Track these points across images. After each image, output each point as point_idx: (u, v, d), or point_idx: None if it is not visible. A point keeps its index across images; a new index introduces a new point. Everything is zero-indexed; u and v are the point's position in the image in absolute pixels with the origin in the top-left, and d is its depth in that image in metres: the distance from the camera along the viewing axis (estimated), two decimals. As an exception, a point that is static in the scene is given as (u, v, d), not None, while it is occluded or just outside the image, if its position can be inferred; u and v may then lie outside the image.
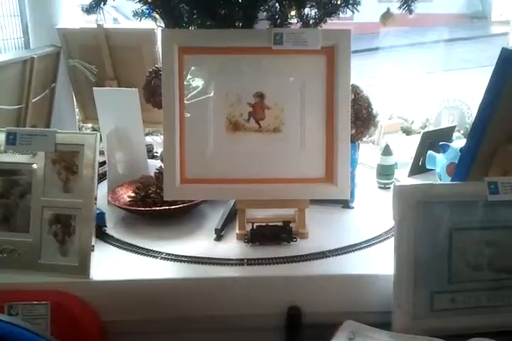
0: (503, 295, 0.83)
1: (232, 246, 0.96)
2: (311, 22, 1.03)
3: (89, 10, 1.01)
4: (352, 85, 1.05)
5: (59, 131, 0.89)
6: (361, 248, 0.96)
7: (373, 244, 0.98)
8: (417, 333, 0.79)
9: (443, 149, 1.16)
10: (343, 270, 0.89)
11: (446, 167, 1.16)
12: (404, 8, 1.00)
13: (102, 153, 1.14)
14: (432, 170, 1.24)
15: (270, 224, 0.97)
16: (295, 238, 0.96)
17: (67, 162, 0.88)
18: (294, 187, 0.95)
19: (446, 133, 1.31)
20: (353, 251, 0.95)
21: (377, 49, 4.26)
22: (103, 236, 1.00)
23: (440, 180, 1.19)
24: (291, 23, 1.01)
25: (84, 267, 0.85)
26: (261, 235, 0.96)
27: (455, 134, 1.31)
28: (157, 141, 1.55)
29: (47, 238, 0.87)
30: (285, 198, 0.95)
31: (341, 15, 1.04)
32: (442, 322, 0.82)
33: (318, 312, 0.87)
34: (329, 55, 0.94)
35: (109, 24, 1.52)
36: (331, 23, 1.04)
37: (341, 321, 0.81)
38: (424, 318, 0.81)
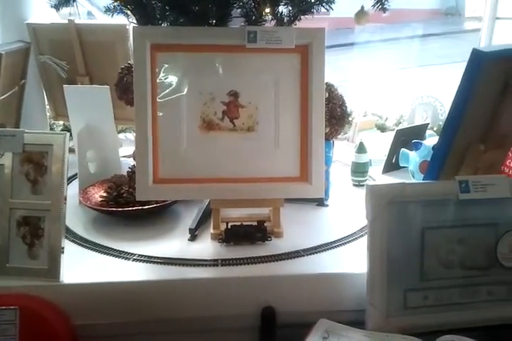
0: (474, 291, 0.84)
1: (206, 246, 0.96)
2: (285, 20, 1.02)
3: (58, 6, 0.99)
4: (326, 83, 1.05)
5: (27, 130, 0.87)
6: (335, 246, 0.96)
7: (347, 242, 0.98)
8: (391, 331, 0.80)
9: (416, 147, 1.17)
10: (318, 269, 0.89)
11: (419, 164, 1.17)
12: (377, 7, 1.00)
13: (73, 151, 1.12)
14: (406, 167, 1.25)
15: (245, 223, 0.97)
16: (270, 237, 0.96)
17: (35, 162, 0.86)
18: (268, 187, 0.94)
19: (419, 131, 1.33)
20: (328, 249, 0.95)
21: (352, 44, 4.28)
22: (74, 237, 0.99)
23: (413, 177, 1.20)
24: (265, 21, 1.00)
25: (54, 270, 0.84)
26: (235, 235, 0.95)
27: (428, 132, 1.33)
28: (130, 138, 1.53)
29: (15, 240, 0.85)
30: (260, 197, 0.95)
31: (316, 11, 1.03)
32: (415, 319, 0.82)
33: (293, 312, 0.87)
34: (303, 54, 0.94)
35: (82, 19, 1.49)
36: (308, 18, 1.03)
37: (315, 320, 0.81)
38: (398, 316, 0.82)
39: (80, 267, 0.88)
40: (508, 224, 0.84)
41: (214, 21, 0.99)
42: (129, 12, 1.04)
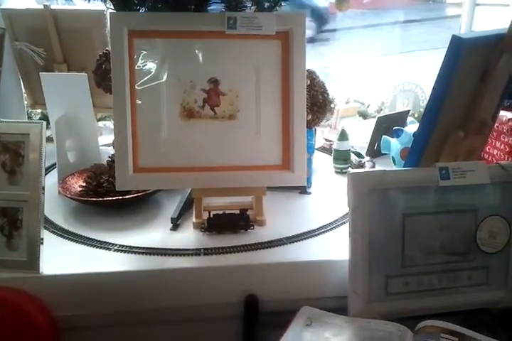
0: (455, 277, 0.85)
1: (188, 236, 0.95)
2: (265, 5, 1.01)
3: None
4: (308, 70, 1.05)
5: (2, 120, 0.85)
6: (318, 234, 0.97)
7: (330, 229, 0.98)
8: (373, 317, 0.80)
9: (397, 134, 1.18)
10: (300, 257, 0.89)
11: (400, 151, 1.17)
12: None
13: (51, 140, 1.10)
14: (387, 154, 1.26)
15: (227, 212, 0.97)
16: (252, 225, 0.96)
17: (12, 152, 0.84)
18: (250, 175, 0.94)
19: (400, 118, 1.33)
20: (310, 237, 0.95)
21: (334, 30, 4.27)
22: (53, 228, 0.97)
23: (394, 164, 1.20)
24: (245, 7, 0.99)
25: (33, 261, 0.82)
26: (218, 223, 0.95)
27: (409, 118, 1.33)
28: (110, 126, 1.51)
29: (-7, 232, 0.83)
30: (241, 186, 0.94)
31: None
32: (397, 305, 0.83)
33: (276, 300, 0.87)
34: (284, 40, 0.92)
35: (60, 4, 1.46)
36: (289, 4, 1.02)
37: (298, 307, 0.81)
38: (379, 302, 0.83)
39: (60, 258, 0.87)
40: (487, 210, 0.85)
41: (193, 7, 0.97)
42: (105, -3, 1.01)
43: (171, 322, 0.88)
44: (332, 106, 1.36)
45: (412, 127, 1.19)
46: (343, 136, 1.23)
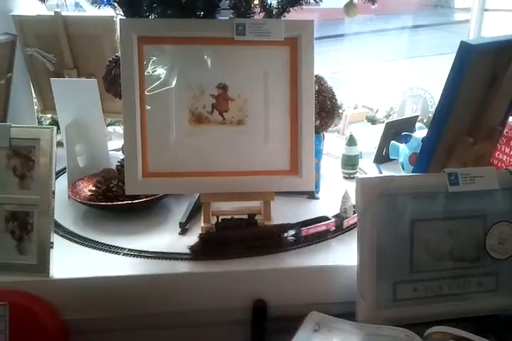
0: (464, 283, 0.85)
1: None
2: (274, 12, 1.01)
3: (44, -3, 0.97)
4: (316, 76, 1.05)
5: (13, 125, 0.86)
6: (326, 239, 0.96)
7: (338, 234, 0.98)
8: (381, 322, 0.80)
9: (405, 139, 1.18)
10: (308, 262, 0.89)
11: (409, 157, 1.17)
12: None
13: (61, 144, 1.11)
14: (396, 159, 1.26)
15: (235, 216, 0.97)
16: (260, 230, 0.96)
17: (22, 157, 0.85)
18: (258, 180, 0.94)
19: (409, 123, 1.33)
20: (318, 242, 0.95)
21: (342, 35, 4.27)
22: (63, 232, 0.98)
23: (403, 169, 1.20)
24: (254, 13, 1.00)
25: (43, 265, 0.83)
26: (226, 228, 0.95)
27: (417, 124, 1.33)
28: (119, 131, 1.52)
29: (3, 236, 0.84)
30: (250, 191, 0.94)
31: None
32: (405, 311, 0.83)
33: (284, 305, 0.87)
34: (292, 46, 0.93)
35: (70, 10, 1.47)
36: (297, 10, 1.03)
37: (307, 313, 0.81)
38: (388, 308, 0.82)
39: (70, 262, 0.88)
40: (496, 215, 0.85)
41: (202, 13, 0.98)
42: (116, 4, 1.02)
43: (179, 326, 0.89)
44: (340, 111, 1.37)
45: (420, 133, 1.19)
46: (351, 142, 1.23)
